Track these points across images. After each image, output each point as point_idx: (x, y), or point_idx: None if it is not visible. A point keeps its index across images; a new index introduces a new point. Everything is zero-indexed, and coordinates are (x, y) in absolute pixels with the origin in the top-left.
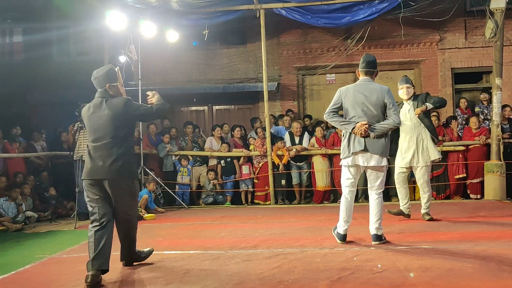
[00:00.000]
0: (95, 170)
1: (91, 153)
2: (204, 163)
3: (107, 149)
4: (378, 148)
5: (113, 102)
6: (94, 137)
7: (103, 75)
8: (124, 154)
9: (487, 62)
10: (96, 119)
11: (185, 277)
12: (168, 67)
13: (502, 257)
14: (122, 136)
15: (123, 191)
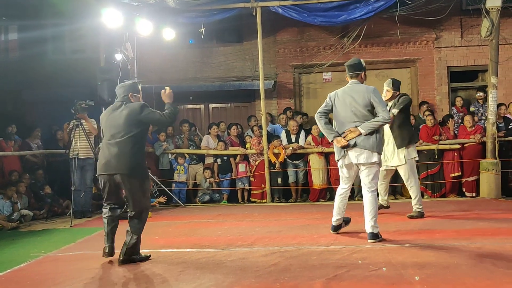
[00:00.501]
0: (108, 165)
1: (105, 149)
2: (201, 161)
3: (121, 146)
4: (368, 144)
5: (131, 105)
6: (110, 135)
7: (129, 85)
8: (137, 153)
9: (483, 60)
10: (113, 119)
11: (181, 275)
12: (164, 65)
13: (497, 254)
14: (136, 135)
15: (134, 187)
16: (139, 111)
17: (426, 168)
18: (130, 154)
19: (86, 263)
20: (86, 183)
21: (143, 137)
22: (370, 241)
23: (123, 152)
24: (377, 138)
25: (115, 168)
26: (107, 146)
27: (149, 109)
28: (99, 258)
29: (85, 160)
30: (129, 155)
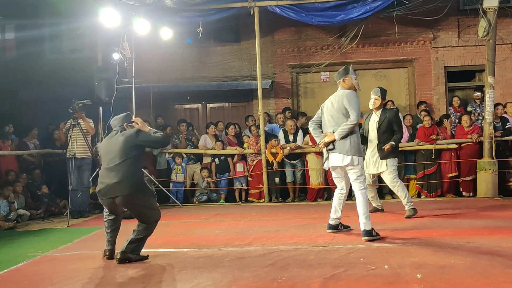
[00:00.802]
0: (109, 189)
1: (104, 175)
2: (198, 161)
3: (120, 170)
4: (342, 148)
5: (127, 132)
6: (108, 160)
7: (123, 117)
8: (135, 174)
9: (480, 60)
10: (110, 145)
11: (179, 275)
12: (162, 65)
13: (493, 254)
14: (133, 158)
15: (137, 206)
16: (135, 136)
17: (423, 168)
18: (129, 176)
19: (83, 263)
20: (84, 183)
21: (140, 159)
22: (364, 238)
23: (123, 174)
24: (351, 141)
25: (116, 191)
26: (106, 172)
27: (143, 133)
28: (96, 258)
29: (83, 160)
30: (128, 177)
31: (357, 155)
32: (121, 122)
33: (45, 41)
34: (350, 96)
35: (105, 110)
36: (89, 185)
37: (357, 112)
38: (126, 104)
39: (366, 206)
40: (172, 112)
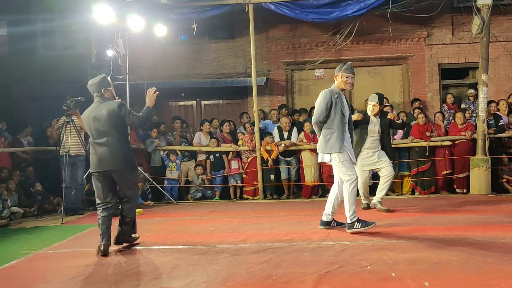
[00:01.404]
0: (101, 163)
1: (95, 148)
2: (193, 158)
3: (109, 145)
4: (319, 146)
5: (109, 104)
6: (96, 135)
7: (99, 80)
8: (124, 148)
9: (474, 58)
10: (96, 120)
11: (173, 272)
12: (156, 62)
13: (487, 250)
14: (119, 132)
15: (126, 180)
16: (117, 110)
17: (417, 165)
18: (119, 152)
19: (77, 260)
20: (77, 180)
21: (125, 132)
22: (348, 230)
23: (113, 150)
24: (326, 140)
25: (108, 165)
26: (95, 145)
27: (126, 108)
28: (90, 255)
29: (76, 157)
30: (118, 152)
31: (335, 151)
32: (98, 87)
33: (38, 38)
34: (319, 95)
35: None
36: (83, 183)
37: (316, 113)
38: None
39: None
40: (166, 109)
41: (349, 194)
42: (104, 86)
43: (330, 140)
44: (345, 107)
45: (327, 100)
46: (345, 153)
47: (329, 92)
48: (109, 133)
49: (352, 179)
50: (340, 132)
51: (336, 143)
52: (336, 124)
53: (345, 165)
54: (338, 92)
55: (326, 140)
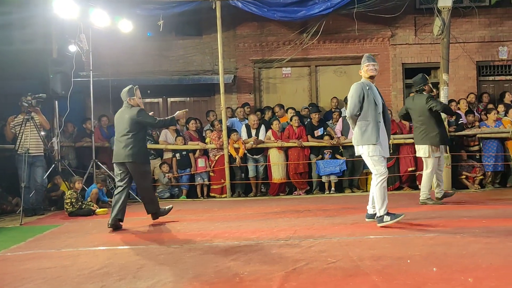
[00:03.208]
0: (117, 156)
1: (116, 144)
2: (159, 156)
3: (125, 142)
4: (353, 138)
5: (132, 110)
6: (118, 132)
7: (127, 91)
8: (136, 145)
9: (435, 58)
10: (120, 120)
11: (139, 272)
12: (121, 58)
13: (448, 244)
14: (135, 134)
15: (137, 171)
16: (136, 115)
17: None
18: (131, 149)
19: (37, 263)
20: (37, 180)
21: (141, 134)
22: (378, 224)
23: (127, 146)
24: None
25: (122, 158)
26: (117, 141)
27: (144, 113)
28: (52, 258)
29: (35, 157)
30: (130, 149)
31: (371, 143)
32: (125, 97)
33: None
34: (350, 89)
35: (61, 104)
36: (43, 183)
37: (350, 106)
38: (84, 98)
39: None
40: None
41: (378, 189)
42: (129, 96)
43: (366, 132)
44: (378, 98)
45: (359, 92)
46: (378, 146)
47: (360, 85)
48: (126, 134)
49: (381, 173)
50: (375, 123)
51: (372, 135)
52: (371, 116)
53: (374, 160)
54: (368, 84)
55: (362, 132)
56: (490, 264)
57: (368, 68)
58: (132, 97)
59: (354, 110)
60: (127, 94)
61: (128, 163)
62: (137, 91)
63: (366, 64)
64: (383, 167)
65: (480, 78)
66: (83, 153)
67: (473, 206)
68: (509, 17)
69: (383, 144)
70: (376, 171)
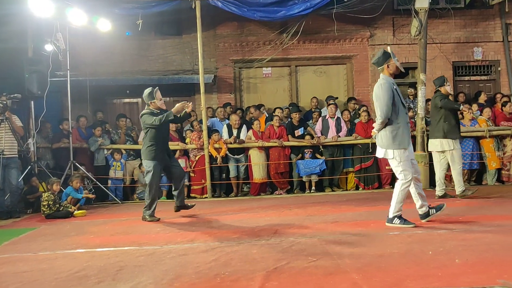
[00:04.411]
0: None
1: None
2: (138, 157)
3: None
4: (379, 140)
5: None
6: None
7: (148, 94)
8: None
9: (413, 58)
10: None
11: (118, 274)
12: (99, 58)
13: (425, 241)
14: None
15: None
16: (142, 118)
17: (360, 161)
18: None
19: (13, 266)
20: (11, 182)
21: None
22: (387, 224)
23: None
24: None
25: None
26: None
27: (146, 115)
28: (28, 261)
29: (10, 159)
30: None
31: (403, 147)
32: (147, 99)
33: None
34: (377, 89)
35: (37, 104)
36: (18, 185)
37: (383, 108)
38: (61, 98)
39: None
40: (110, 106)
41: (400, 192)
42: (150, 99)
43: (397, 136)
44: (402, 97)
45: (389, 93)
46: (407, 151)
47: (389, 84)
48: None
49: (407, 179)
50: (405, 125)
51: (404, 139)
52: (400, 117)
53: (403, 166)
54: (394, 83)
55: (393, 136)
56: (466, 261)
57: (398, 64)
58: (152, 101)
59: (388, 113)
60: (148, 97)
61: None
62: (157, 93)
63: (396, 59)
64: (410, 173)
65: (456, 78)
66: (60, 154)
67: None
68: (482, 18)
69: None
70: (404, 176)
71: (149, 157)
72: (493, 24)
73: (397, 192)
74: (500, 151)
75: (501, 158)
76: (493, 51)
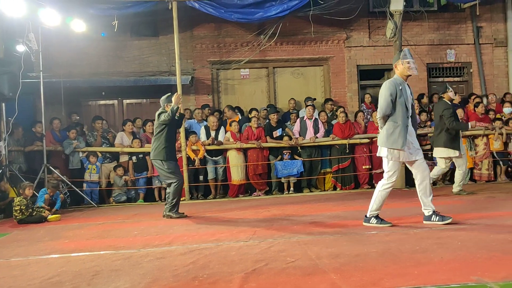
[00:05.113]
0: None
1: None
2: (115, 159)
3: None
4: (379, 137)
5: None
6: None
7: (165, 98)
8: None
9: (388, 60)
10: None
11: (94, 279)
12: (73, 58)
13: (402, 240)
14: (158, 133)
15: (159, 168)
16: (156, 117)
17: (337, 162)
18: (155, 147)
19: None
20: None
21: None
22: (364, 223)
23: (152, 147)
24: (385, 132)
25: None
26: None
27: (160, 115)
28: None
29: None
30: (155, 147)
31: (396, 147)
32: (163, 103)
33: None
34: (382, 87)
35: (9, 107)
36: None
37: (381, 105)
38: (34, 100)
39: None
40: (86, 108)
41: (380, 192)
42: (166, 102)
43: (393, 135)
44: (409, 99)
45: (391, 91)
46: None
47: (393, 83)
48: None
49: (391, 181)
50: (404, 126)
51: (399, 139)
52: (400, 118)
53: (390, 166)
54: (401, 83)
55: (388, 134)
56: (441, 258)
57: (410, 66)
58: (169, 103)
59: (386, 110)
60: (165, 100)
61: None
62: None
63: (407, 61)
64: (395, 177)
65: (430, 80)
66: (33, 158)
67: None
68: (455, 21)
69: (410, 147)
70: (388, 176)
71: (168, 157)
72: (465, 27)
73: (377, 192)
74: (473, 151)
75: (473, 158)
76: (465, 53)
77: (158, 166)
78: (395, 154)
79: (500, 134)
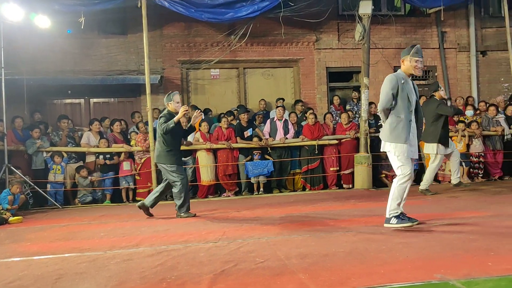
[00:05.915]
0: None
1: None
2: (81, 159)
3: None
4: (381, 132)
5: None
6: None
7: (166, 97)
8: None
9: (357, 62)
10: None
11: (58, 283)
12: (38, 55)
13: (369, 240)
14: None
15: (164, 169)
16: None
17: (307, 163)
18: (157, 150)
19: None
20: None
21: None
22: (385, 225)
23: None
24: (388, 126)
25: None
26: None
27: (160, 120)
28: None
29: None
30: (157, 150)
31: (399, 142)
32: (165, 102)
33: None
34: (384, 80)
35: None
36: None
37: (382, 98)
38: None
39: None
40: (50, 107)
41: (396, 188)
42: (167, 101)
43: (396, 129)
44: (412, 95)
45: (393, 84)
46: (406, 146)
47: (395, 77)
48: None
49: (405, 174)
50: (407, 121)
51: (402, 133)
52: (402, 112)
53: (400, 160)
54: (404, 78)
55: (391, 128)
56: (406, 257)
57: (417, 65)
58: (169, 102)
59: (387, 104)
60: (166, 99)
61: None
62: (174, 96)
63: (415, 59)
64: (409, 169)
65: None
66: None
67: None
68: (421, 26)
69: (412, 144)
70: (400, 171)
71: (171, 161)
72: (430, 32)
73: (393, 189)
74: None
75: None
76: (431, 57)
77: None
78: (399, 148)
79: (463, 136)
